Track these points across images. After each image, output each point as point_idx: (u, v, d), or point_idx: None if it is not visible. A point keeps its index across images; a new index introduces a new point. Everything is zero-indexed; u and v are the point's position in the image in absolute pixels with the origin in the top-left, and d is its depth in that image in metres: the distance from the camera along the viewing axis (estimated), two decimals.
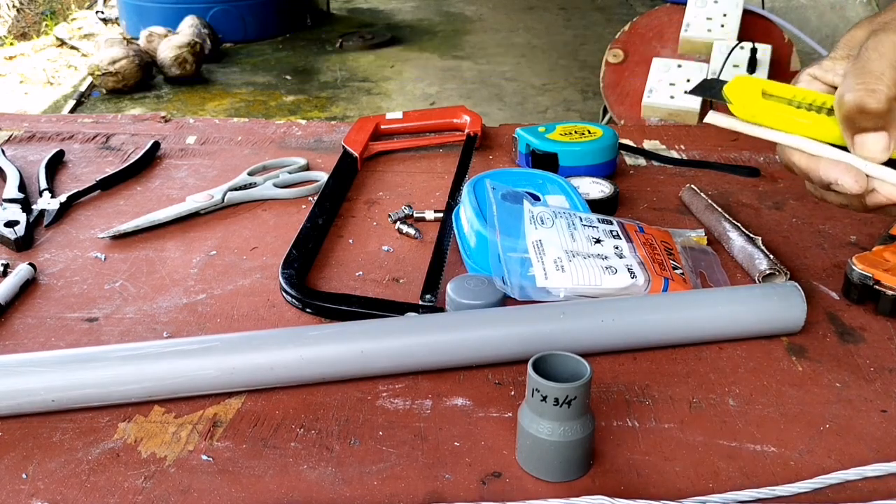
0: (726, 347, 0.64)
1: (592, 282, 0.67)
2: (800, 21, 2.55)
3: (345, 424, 0.56)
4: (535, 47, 4.27)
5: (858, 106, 0.48)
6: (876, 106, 0.48)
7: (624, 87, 2.03)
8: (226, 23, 4.16)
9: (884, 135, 0.49)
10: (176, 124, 1.07)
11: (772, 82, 0.53)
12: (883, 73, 0.48)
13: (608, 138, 0.91)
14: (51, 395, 0.55)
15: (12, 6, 4.57)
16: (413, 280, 0.73)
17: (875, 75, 0.48)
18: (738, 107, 0.52)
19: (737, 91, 0.52)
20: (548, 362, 0.51)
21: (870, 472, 0.52)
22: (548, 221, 0.72)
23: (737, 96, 0.52)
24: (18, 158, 0.96)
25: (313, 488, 0.51)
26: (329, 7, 4.89)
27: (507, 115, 3.36)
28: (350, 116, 3.39)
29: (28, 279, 0.72)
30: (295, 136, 1.04)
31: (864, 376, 0.61)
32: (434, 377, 0.61)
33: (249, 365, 0.58)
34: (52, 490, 0.51)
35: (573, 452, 0.51)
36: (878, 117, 0.48)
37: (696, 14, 1.93)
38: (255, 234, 0.81)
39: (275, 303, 0.70)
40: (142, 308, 0.69)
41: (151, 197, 0.88)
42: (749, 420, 0.57)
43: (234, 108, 3.49)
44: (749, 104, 0.52)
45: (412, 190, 0.90)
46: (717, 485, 0.51)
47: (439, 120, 1.05)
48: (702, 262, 0.75)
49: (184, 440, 0.55)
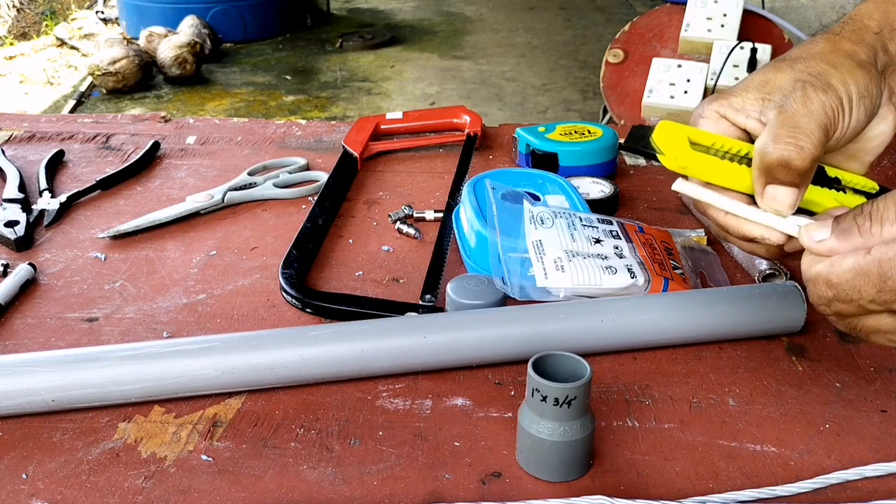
0: (726, 347, 0.64)
1: (592, 282, 0.67)
2: (800, 21, 2.55)
3: (345, 424, 0.56)
4: (535, 47, 4.27)
5: (783, 160, 0.48)
6: (800, 164, 0.48)
7: (624, 87, 2.03)
8: (226, 23, 4.16)
9: (795, 191, 0.49)
10: (176, 124, 1.07)
11: (694, 129, 0.52)
12: (812, 133, 0.48)
13: (608, 138, 0.91)
14: (51, 395, 0.55)
15: (12, 6, 4.57)
16: (413, 280, 0.73)
17: (805, 133, 0.48)
18: (669, 158, 0.51)
19: (665, 139, 0.51)
20: (548, 362, 0.51)
21: (870, 472, 0.52)
22: (548, 221, 0.72)
23: (666, 146, 0.51)
24: (18, 158, 0.96)
25: (313, 488, 0.51)
26: (329, 7, 4.89)
27: (507, 115, 3.36)
28: (350, 116, 3.39)
29: (28, 279, 0.72)
30: (295, 136, 1.04)
31: (864, 376, 0.61)
32: (434, 377, 0.61)
33: (249, 365, 0.58)
34: (52, 490, 0.51)
35: (573, 452, 0.51)
36: (798, 175, 0.49)
37: (696, 14, 1.93)
38: (255, 234, 0.81)
39: (275, 303, 0.70)
40: (142, 308, 0.69)
41: (151, 197, 0.88)
42: (749, 420, 0.57)
43: (234, 108, 3.49)
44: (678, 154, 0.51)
45: (412, 190, 0.90)
46: (717, 485, 0.51)
47: (439, 120, 1.05)
48: (702, 262, 0.75)
49: (184, 440, 0.55)
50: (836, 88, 0.49)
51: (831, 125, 0.49)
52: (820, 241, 0.46)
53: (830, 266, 0.46)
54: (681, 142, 0.51)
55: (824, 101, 0.49)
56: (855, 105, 0.50)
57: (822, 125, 0.49)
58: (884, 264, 0.43)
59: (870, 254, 0.44)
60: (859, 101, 0.50)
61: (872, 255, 0.44)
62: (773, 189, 0.50)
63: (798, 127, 0.48)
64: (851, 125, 0.51)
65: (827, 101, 0.49)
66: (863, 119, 0.51)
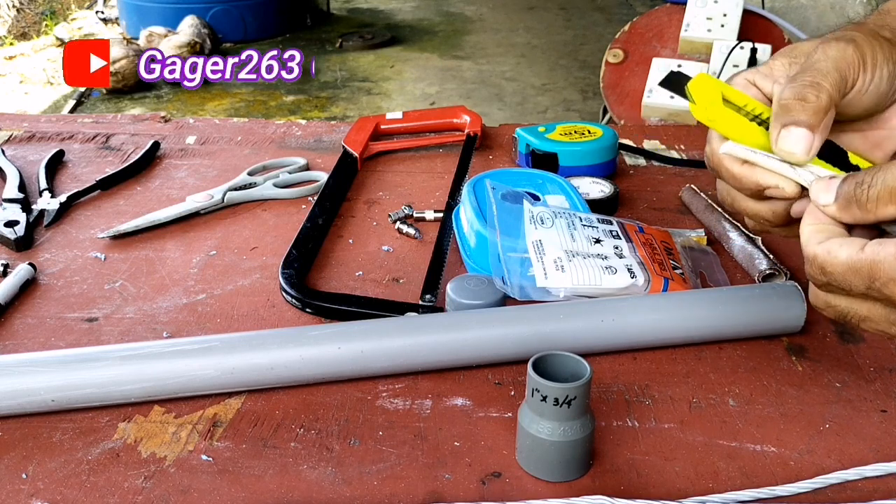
0: (726, 347, 0.64)
1: (592, 282, 0.67)
2: (800, 21, 2.55)
3: (345, 424, 0.56)
4: (535, 47, 4.27)
5: (799, 96, 0.48)
6: (815, 100, 0.48)
7: (624, 87, 2.03)
8: (226, 23, 4.16)
9: (810, 134, 0.48)
10: (176, 124, 1.07)
11: (729, 87, 0.52)
12: (829, 73, 0.48)
13: (608, 138, 0.91)
14: (51, 395, 0.55)
15: (12, 6, 4.57)
16: (413, 280, 0.73)
17: (822, 72, 0.48)
18: (699, 108, 0.52)
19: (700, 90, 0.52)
20: (548, 362, 0.51)
21: (870, 472, 0.52)
22: (548, 221, 0.72)
23: (700, 96, 0.52)
24: (18, 158, 0.96)
25: (313, 488, 0.51)
26: (329, 7, 4.89)
27: (507, 115, 3.36)
28: (350, 116, 3.39)
29: (28, 279, 0.72)
30: (295, 136, 1.04)
31: (864, 376, 0.61)
32: (434, 377, 0.61)
33: (249, 365, 0.58)
34: (52, 490, 0.51)
35: (573, 452, 0.51)
36: (812, 113, 0.48)
37: (696, 14, 1.93)
38: (255, 234, 0.81)
39: (275, 303, 0.70)
40: (142, 308, 0.69)
41: (151, 197, 0.88)
42: (749, 420, 0.57)
43: (234, 108, 3.48)
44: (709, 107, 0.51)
45: (412, 190, 0.90)
46: (717, 485, 0.51)
47: (439, 120, 1.06)
48: (702, 262, 0.75)
49: (184, 440, 0.55)
50: (860, 44, 0.49)
51: (850, 72, 0.49)
52: (825, 206, 0.47)
53: (827, 254, 0.46)
54: (714, 95, 0.51)
55: (845, 49, 0.49)
56: (879, 64, 0.49)
57: (840, 69, 0.48)
58: (874, 266, 0.44)
59: (863, 251, 0.45)
60: (884, 62, 0.49)
61: (865, 253, 0.44)
62: (787, 131, 0.49)
63: (816, 68, 0.49)
64: (873, 84, 0.50)
65: (848, 50, 0.49)
66: (884, 86, 0.50)
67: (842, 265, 0.45)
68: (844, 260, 0.45)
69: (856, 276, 0.45)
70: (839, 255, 0.46)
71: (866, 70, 0.49)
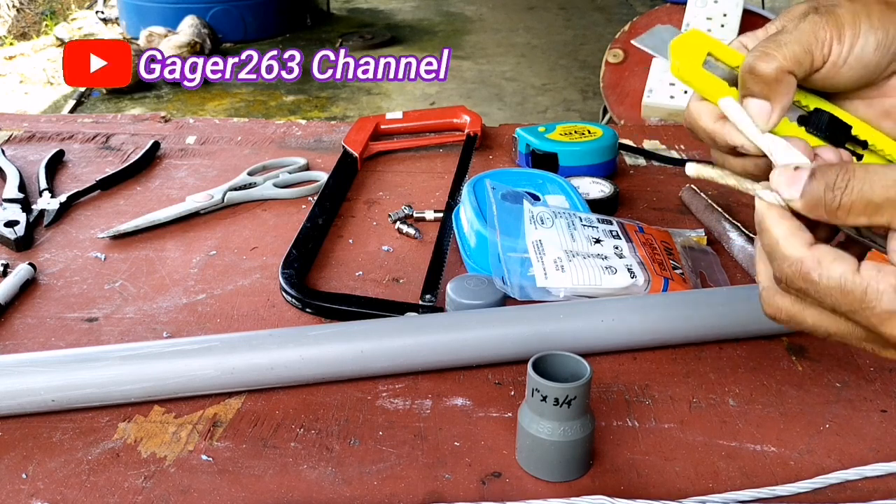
0: (726, 347, 0.64)
1: (592, 282, 0.67)
2: None
3: (345, 424, 0.56)
4: (535, 47, 4.27)
5: (749, 66, 0.48)
6: (764, 70, 0.47)
7: (624, 87, 2.03)
8: (226, 23, 4.16)
9: (766, 104, 0.48)
10: (176, 124, 1.07)
11: (721, 45, 0.51)
12: (786, 44, 0.47)
13: (608, 138, 0.91)
14: (51, 395, 0.55)
15: (12, 6, 4.57)
16: (413, 280, 0.73)
17: (779, 44, 0.47)
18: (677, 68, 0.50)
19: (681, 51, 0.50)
20: (548, 362, 0.51)
21: (870, 472, 0.52)
22: (548, 221, 0.72)
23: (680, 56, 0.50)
24: (18, 158, 0.96)
25: (313, 488, 0.51)
26: (329, 7, 4.89)
27: (507, 115, 3.36)
28: (350, 116, 3.39)
29: (28, 279, 0.72)
30: (295, 136, 1.04)
31: (864, 376, 0.61)
32: (434, 377, 0.61)
33: (249, 365, 0.58)
34: (52, 490, 0.51)
35: (573, 452, 0.51)
36: (763, 83, 0.47)
37: (696, 14, 1.93)
38: (255, 234, 0.81)
39: (275, 303, 0.70)
40: (142, 308, 0.69)
41: (151, 197, 0.88)
42: (749, 420, 0.57)
43: (234, 108, 3.48)
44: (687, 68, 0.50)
45: (412, 190, 0.90)
46: (717, 485, 0.51)
47: (439, 120, 1.06)
48: (702, 262, 0.75)
49: (184, 440, 0.55)
50: (839, 15, 0.48)
51: (818, 45, 0.48)
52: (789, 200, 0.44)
53: (818, 264, 0.43)
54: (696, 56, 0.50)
55: (818, 21, 0.48)
56: (863, 33, 0.48)
57: (804, 42, 0.47)
58: (868, 294, 0.42)
59: (859, 273, 0.42)
60: (869, 31, 0.48)
61: (862, 277, 0.42)
62: (746, 101, 0.49)
63: (774, 39, 0.48)
64: (853, 56, 0.48)
65: (821, 21, 0.48)
66: (871, 55, 0.48)
67: (833, 281, 0.42)
68: (837, 277, 0.42)
69: (844, 297, 0.42)
70: (832, 270, 0.43)
71: (842, 41, 0.48)
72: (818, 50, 0.48)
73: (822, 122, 0.50)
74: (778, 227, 0.44)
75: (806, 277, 0.43)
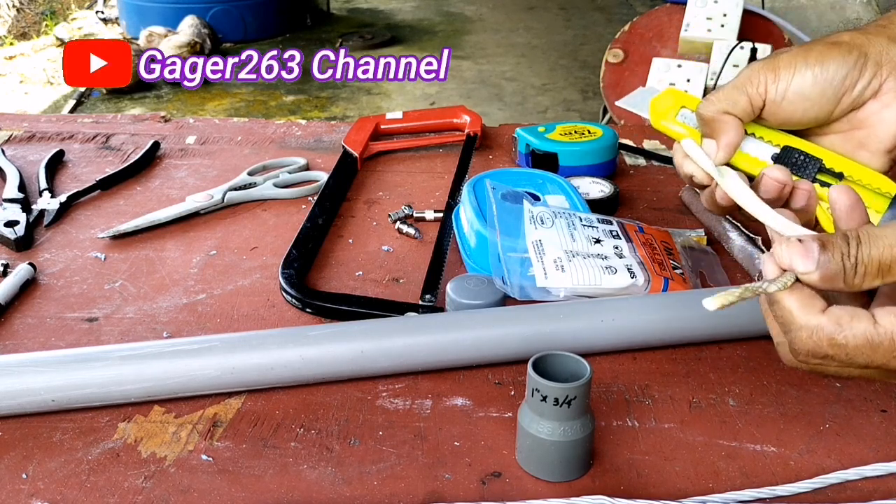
0: (726, 347, 0.64)
1: (592, 282, 0.67)
2: (800, 21, 2.55)
3: (345, 424, 0.56)
4: (535, 47, 4.26)
5: (697, 113, 0.55)
6: (703, 113, 0.54)
7: (624, 87, 2.02)
8: (226, 23, 4.16)
9: (713, 142, 0.55)
10: (176, 124, 1.07)
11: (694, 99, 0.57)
12: (724, 90, 0.54)
13: (608, 138, 0.91)
14: (51, 395, 0.55)
15: (12, 6, 4.57)
16: (413, 280, 0.73)
17: (719, 91, 0.54)
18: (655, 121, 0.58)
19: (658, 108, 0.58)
20: (548, 362, 0.51)
21: (870, 472, 0.52)
22: (548, 221, 0.72)
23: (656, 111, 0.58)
24: (18, 158, 0.96)
25: (313, 488, 0.51)
26: (329, 7, 4.89)
27: (507, 115, 3.36)
28: (350, 116, 3.39)
29: (28, 279, 0.72)
30: (295, 136, 1.04)
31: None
32: (434, 377, 0.61)
33: (249, 365, 0.58)
34: (52, 490, 0.51)
35: (573, 452, 0.51)
36: (706, 125, 0.55)
37: (696, 14, 1.93)
38: (255, 234, 0.81)
39: (275, 303, 0.70)
40: (142, 308, 0.69)
41: (151, 197, 0.88)
42: (749, 420, 0.57)
43: (234, 108, 3.48)
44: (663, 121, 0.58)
45: (412, 190, 0.90)
46: (717, 485, 0.51)
47: (439, 120, 1.06)
48: (702, 262, 0.75)
49: (184, 440, 0.55)
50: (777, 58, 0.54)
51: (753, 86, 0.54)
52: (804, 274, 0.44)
53: (838, 327, 0.43)
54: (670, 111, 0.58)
55: (754, 66, 0.54)
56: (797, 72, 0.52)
57: (739, 85, 0.54)
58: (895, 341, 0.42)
59: (880, 324, 0.43)
60: (804, 68, 0.52)
61: (884, 328, 0.43)
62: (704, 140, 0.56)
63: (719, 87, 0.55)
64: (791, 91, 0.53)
65: (757, 65, 0.54)
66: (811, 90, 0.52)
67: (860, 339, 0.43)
68: (862, 334, 0.43)
69: (874, 352, 0.43)
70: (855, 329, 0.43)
71: (777, 80, 0.53)
72: (753, 89, 0.54)
73: (792, 157, 0.55)
74: (789, 299, 0.45)
75: (832, 342, 0.44)
